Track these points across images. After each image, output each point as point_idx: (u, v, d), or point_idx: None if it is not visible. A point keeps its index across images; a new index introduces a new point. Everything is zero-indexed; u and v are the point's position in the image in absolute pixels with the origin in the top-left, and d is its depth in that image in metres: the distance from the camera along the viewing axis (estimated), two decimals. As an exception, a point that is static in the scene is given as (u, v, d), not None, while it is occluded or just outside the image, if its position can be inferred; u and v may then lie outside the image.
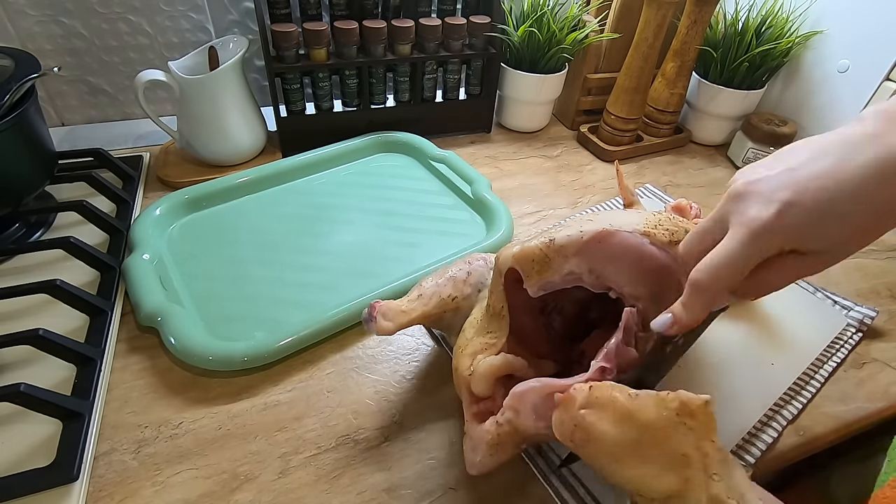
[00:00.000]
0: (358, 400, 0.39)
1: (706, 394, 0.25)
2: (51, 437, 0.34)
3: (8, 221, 0.50)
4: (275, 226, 0.53)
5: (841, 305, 0.49)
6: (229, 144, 0.59)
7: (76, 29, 0.60)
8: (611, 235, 0.31)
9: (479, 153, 0.69)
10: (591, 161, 0.70)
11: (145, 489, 0.33)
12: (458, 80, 0.69)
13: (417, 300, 0.38)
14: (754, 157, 0.68)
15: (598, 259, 0.31)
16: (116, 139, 0.65)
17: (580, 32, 0.67)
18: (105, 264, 0.46)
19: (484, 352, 0.33)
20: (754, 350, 0.44)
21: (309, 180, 0.60)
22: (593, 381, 0.28)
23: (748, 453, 0.37)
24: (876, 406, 0.42)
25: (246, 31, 0.68)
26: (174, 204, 0.53)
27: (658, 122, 0.72)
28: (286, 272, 0.48)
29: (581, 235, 0.31)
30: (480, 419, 0.32)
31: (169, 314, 0.41)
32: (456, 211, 0.57)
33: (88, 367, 0.38)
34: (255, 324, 0.43)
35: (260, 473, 0.34)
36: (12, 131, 0.44)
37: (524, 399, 0.29)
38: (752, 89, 0.69)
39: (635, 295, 0.31)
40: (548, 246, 0.31)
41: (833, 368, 0.43)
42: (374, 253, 0.51)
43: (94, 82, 0.65)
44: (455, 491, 0.34)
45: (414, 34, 0.61)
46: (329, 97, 0.64)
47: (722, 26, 0.70)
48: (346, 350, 0.43)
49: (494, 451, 0.30)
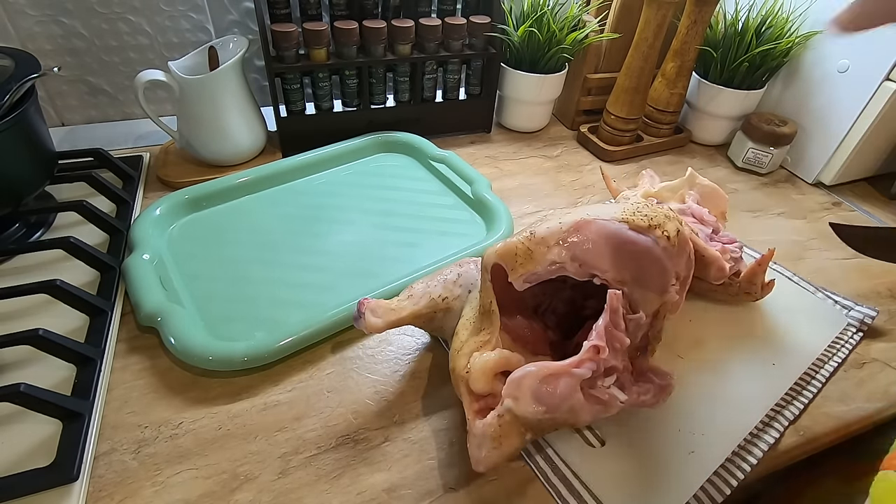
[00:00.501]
0: (358, 400, 0.39)
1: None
2: (51, 437, 0.34)
3: (8, 221, 0.50)
4: (275, 226, 0.53)
5: (841, 305, 0.49)
6: (229, 144, 0.59)
7: (76, 29, 0.60)
8: (589, 224, 0.32)
9: (479, 153, 0.69)
10: (591, 161, 0.70)
11: (145, 489, 0.33)
12: (458, 80, 0.69)
13: (407, 300, 0.38)
14: (754, 157, 0.68)
15: (579, 247, 0.32)
16: (116, 139, 0.65)
17: (580, 32, 0.67)
18: (105, 264, 0.46)
19: (479, 350, 0.33)
20: (755, 350, 0.44)
21: (309, 180, 0.60)
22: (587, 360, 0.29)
23: (750, 454, 0.37)
24: (876, 406, 0.42)
25: (246, 31, 0.68)
26: (174, 204, 0.53)
27: (658, 122, 0.72)
28: (286, 272, 0.48)
29: (560, 226, 0.32)
30: (482, 417, 0.32)
31: (169, 314, 0.41)
32: (456, 211, 0.57)
33: (88, 367, 0.38)
34: (255, 324, 0.43)
35: (260, 473, 0.34)
36: (12, 131, 0.44)
37: (522, 385, 0.30)
38: (752, 89, 0.69)
39: (619, 279, 0.32)
40: (529, 239, 0.32)
41: (834, 368, 0.43)
42: (373, 253, 0.51)
43: (94, 82, 0.65)
44: (455, 491, 0.34)
45: (414, 34, 0.61)
46: (329, 97, 0.64)
47: (722, 26, 0.70)
48: (346, 350, 0.43)
49: (498, 443, 0.30)
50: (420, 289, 0.39)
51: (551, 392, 0.29)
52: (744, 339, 0.45)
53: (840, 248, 0.58)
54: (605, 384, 0.32)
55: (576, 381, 0.30)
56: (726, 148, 0.74)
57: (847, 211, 0.65)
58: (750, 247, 0.55)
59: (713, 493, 0.34)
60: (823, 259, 0.56)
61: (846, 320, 0.47)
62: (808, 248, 0.58)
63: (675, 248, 0.33)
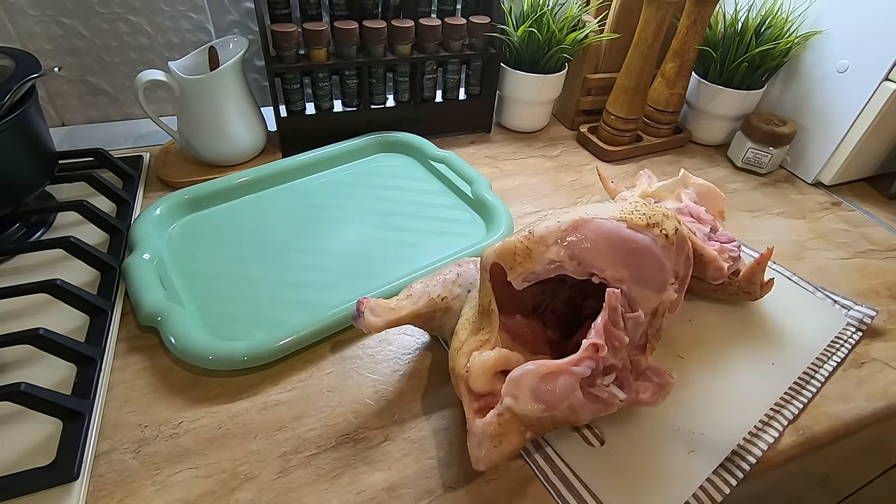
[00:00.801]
0: (358, 399, 0.39)
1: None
2: (51, 437, 0.34)
3: (8, 221, 0.50)
4: (275, 226, 0.53)
5: (840, 305, 0.49)
6: (229, 144, 0.59)
7: (76, 29, 0.60)
8: (587, 222, 0.32)
9: (478, 153, 0.69)
10: (591, 161, 0.70)
11: (145, 488, 0.33)
12: (458, 80, 0.69)
13: (407, 300, 0.38)
14: (754, 157, 0.69)
15: (577, 246, 0.32)
16: (116, 139, 0.65)
17: (580, 32, 0.67)
18: (105, 264, 0.46)
19: (478, 349, 0.33)
20: (754, 350, 0.44)
21: (309, 180, 0.60)
22: (586, 358, 0.29)
23: (749, 453, 0.37)
24: (875, 406, 0.42)
25: (246, 31, 0.68)
26: (174, 204, 0.53)
27: (658, 122, 0.72)
28: (286, 272, 0.48)
29: (559, 225, 0.32)
30: (482, 416, 0.32)
31: (169, 314, 0.41)
32: (456, 211, 0.57)
33: (88, 366, 0.38)
34: (255, 323, 0.43)
35: (260, 473, 0.34)
36: (12, 131, 0.44)
37: (521, 383, 0.30)
38: (751, 89, 0.69)
39: (617, 278, 0.32)
40: (528, 238, 0.32)
41: (833, 368, 0.43)
42: (374, 253, 0.51)
43: (94, 82, 0.65)
44: (455, 490, 0.34)
45: (414, 34, 0.61)
46: (329, 97, 0.64)
47: (721, 26, 0.70)
48: (346, 350, 0.43)
49: (498, 441, 0.30)
50: (419, 288, 0.39)
51: (550, 390, 0.29)
52: (743, 339, 0.45)
53: (839, 247, 0.58)
54: (605, 382, 0.32)
55: (575, 380, 0.30)
56: (726, 148, 0.74)
57: (846, 211, 0.65)
58: (749, 246, 0.55)
59: (713, 493, 0.34)
60: (823, 259, 0.56)
61: (845, 320, 0.47)
62: (807, 247, 0.58)
63: (674, 247, 0.33)
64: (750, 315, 0.47)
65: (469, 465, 0.31)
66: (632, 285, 0.32)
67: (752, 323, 0.46)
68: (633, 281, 0.32)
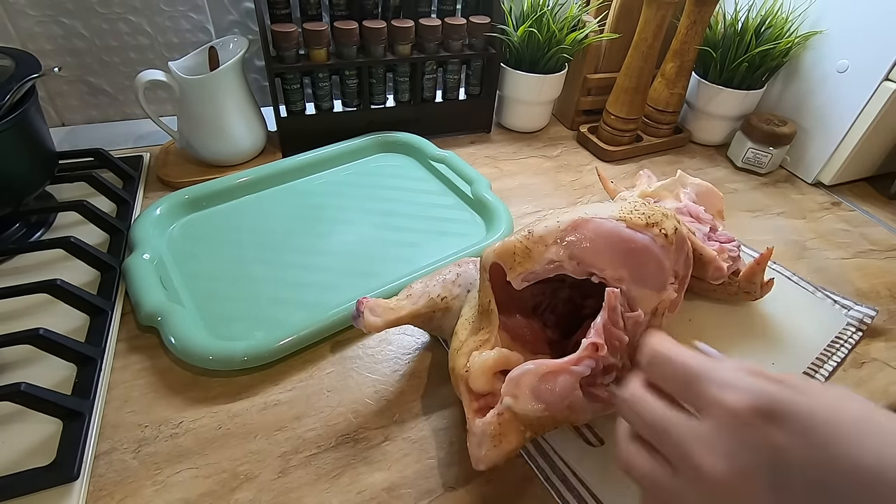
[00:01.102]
0: (358, 399, 0.39)
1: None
2: (51, 437, 0.34)
3: (8, 221, 0.50)
4: (275, 226, 0.53)
5: (840, 305, 0.49)
6: (229, 144, 0.59)
7: (76, 29, 0.60)
8: (586, 222, 0.32)
9: (478, 153, 0.69)
10: (591, 161, 0.70)
11: (145, 488, 0.33)
12: (458, 80, 0.69)
13: (406, 299, 0.38)
14: (754, 157, 0.69)
15: (577, 246, 0.32)
16: (116, 139, 0.65)
17: (580, 32, 0.67)
18: (105, 264, 0.46)
19: (478, 349, 0.33)
20: (754, 349, 0.44)
21: (309, 180, 0.60)
22: (586, 357, 0.29)
23: (748, 452, 0.37)
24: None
25: (246, 31, 0.68)
26: (174, 204, 0.53)
27: (658, 122, 0.72)
28: (286, 272, 0.48)
29: (558, 225, 0.33)
30: (481, 416, 0.32)
31: (169, 314, 0.41)
32: (456, 211, 0.57)
33: (89, 366, 0.38)
34: (255, 323, 0.43)
35: (260, 473, 0.34)
36: (13, 131, 0.44)
37: (521, 383, 0.30)
38: (751, 89, 0.69)
39: (617, 277, 0.32)
40: (527, 238, 0.32)
41: (833, 368, 0.43)
42: (373, 253, 0.51)
43: (94, 82, 0.65)
44: (455, 490, 0.34)
45: (414, 34, 0.61)
46: (329, 97, 0.64)
47: (721, 26, 0.70)
48: (346, 350, 0.43)
49: (498, 441, 0.30)
50: (419, 288, 0.39)
51: (550, 390, 0.29)
52: (743, 339, 0.45)
53: (839, 247, 0.58)
54: (605, 382, 0.32)
55: (575, 379, 0.30)
56: (726, 148, 0.74)
57: (846, 211, 0.65)
58: (749, 246, 0.55)
59: (712, 492, 0.34)
60: (823, 259, 0.56)
61: (845, 320, 0.47)
62: (807, 247, 0.58)
63: (673, 246, 0.33)
64: (750, 315, 0.47)
65: (469, 464, 0.31)
66: (631, 285, 0.32)
67: (752, 323, 0.46)
68: (632, 280, 0.32)
